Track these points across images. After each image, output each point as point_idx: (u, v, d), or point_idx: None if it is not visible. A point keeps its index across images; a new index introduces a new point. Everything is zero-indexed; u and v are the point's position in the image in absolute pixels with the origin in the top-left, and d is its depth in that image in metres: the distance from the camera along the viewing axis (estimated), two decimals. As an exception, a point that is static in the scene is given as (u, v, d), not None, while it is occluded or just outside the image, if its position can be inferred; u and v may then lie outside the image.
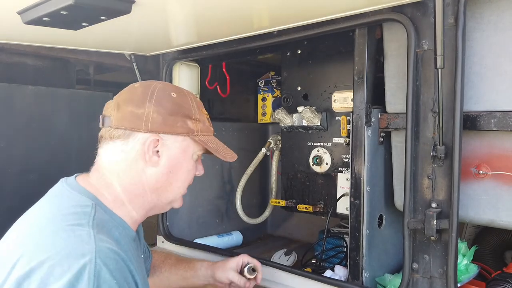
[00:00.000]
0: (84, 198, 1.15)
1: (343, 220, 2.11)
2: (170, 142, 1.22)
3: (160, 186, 1.25)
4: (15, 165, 1.91)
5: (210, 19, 1.58)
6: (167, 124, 1.20)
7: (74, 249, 0.98)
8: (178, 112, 1.23)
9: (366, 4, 1.40)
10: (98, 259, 0.97)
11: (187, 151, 1.27)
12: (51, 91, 2.05)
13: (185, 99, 1.26)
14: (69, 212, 1.10)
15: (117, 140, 1.20)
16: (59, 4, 1.22)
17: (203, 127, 1.29)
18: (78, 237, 1.01)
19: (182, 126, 1.23)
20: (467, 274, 1.50)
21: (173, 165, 1.25)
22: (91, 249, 0.99)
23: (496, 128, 1.28)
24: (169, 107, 1.21)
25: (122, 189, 1.21)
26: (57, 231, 1.04)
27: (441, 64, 1.26)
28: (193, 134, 1.25)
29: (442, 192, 1.35)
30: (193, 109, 1.26)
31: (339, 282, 1.63)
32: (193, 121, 1.25)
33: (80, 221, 1.07)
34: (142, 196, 1.24)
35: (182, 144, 1.25)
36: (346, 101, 1.75)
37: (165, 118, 1.20)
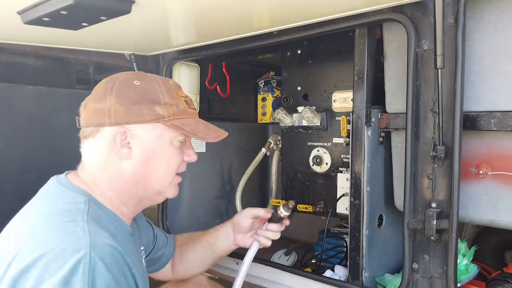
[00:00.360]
0: (77, 195, 1.16)
1: (343, 220, 2.11)
2: (139, 131, 1.18)
3: (140, 178, 1.22)
4: (15, 165, 1.91)
5: (210, 19, 1.58)
6: (131, 114, 1.16)
7: (69, 245, 0.98)
8: (142, 100, 1.17)
9: (366, 4, 1.40)
10: (93, 253, 0.97)
11: (163, 138, 1.21)
12: (51, 91, 2.05)
13: (150, 85, 1.20)
14: (63, 209, 1.10)
15: (89, 138, 1.20)
16: (59, 4, 1.22)
17: (177, 110, 1.22)
18: (73, 233, 1.02)
19: (149, 113, 1.17)
20: (467, 274, 1.50)
21: (148, 155, 1.20)
22: (86, 244, 0.99)
23: (496, 128, 1.28)
24: (131, 96, 1.17)
25: (106, 185, 1.21)
26: (52, 228, 1.04)
27: (441, 64, 1.26)
28: (164, 120, 1.19)
29: (442, 192, 1.35)
30: (161, 94, 1.20)
31: (339, 282, 1.63)
32: (162, 106, 1.19)
33: (74, 217, 1.07)
34: (126, 190, 1.22)
35: (154, 131, 1.20)
36: (346, 101, 1.75)
37: (129, 108, 1.16)
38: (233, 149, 2.53)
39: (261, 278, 1.84)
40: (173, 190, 1.30)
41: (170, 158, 1.24)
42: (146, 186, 1.24)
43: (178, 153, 1.26)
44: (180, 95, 1.26)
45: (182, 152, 1.28)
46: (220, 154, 2.47)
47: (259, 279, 1.84)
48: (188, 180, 2.33)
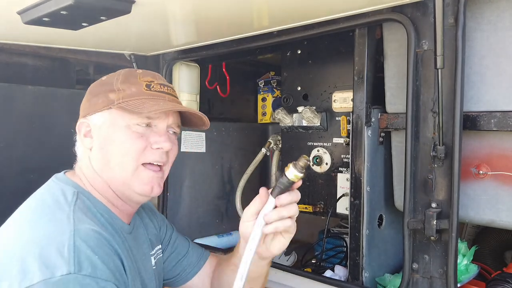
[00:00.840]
0: (68, 187, 1.20)
1: (343, 220, 2.11)
2: (96, 120, 1.23)
3: (101, 167, 1.22)
4: (14, 165, 1.91)
5: (210, 19, 1.58)
6: (91, 105, 1.24)
7: (53, 231, 1.02)
8: (100, 91, 1.24)
9: (366, 4, 1.40)
10: (76, 237, 1.00)
11: (116, 123, 1.20)
12: (51, 91, 2.05)
13: (112, 77, 1.26)
14: (52, 201, 1.14)
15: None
16: (59, 4, 1.22)
17: (129, 93, 1.19)
18: (58, 220, 1.06)
19: (103, 101, 1.21)
20: (467, 274, 1.50)
21: (104, 141, 1.22)
22: (70, 229, 1.02)
23: (496, 128, 1.28)
24: (94, 89, 1.26)
25: (86, 176, 1.25)
26: (38, 218, 1.08)
27: (441, 64, 1.26)
28: (114, 104, 1.19)
29: (442, 192, 1.35)
30: (116, 81, 1.23)
31: (339, 282, 1.63)
32: (115, 92, 1.20)
33: (61, 207, 1.11)
34: (98, 182, 1.23)
35: (108, 117, 1.21)
36: (346, 101, 1.75)
37: (90, 101, 1.25)
38: (233, 149, 2.53)
39: (261, 278, 1.84)
40: (142, 185, 1.21)
41: (125, 143, 1.19)
42: (110, 176, 1.21)
43: (136, 137, 1.19)
44: (143, 80, 1.23)
45: (146, 138, 1.20)
46: (220, 154, 2.47)
47: (259, 279, 1.84)
48: (188, 180, 2.33)
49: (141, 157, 1.20)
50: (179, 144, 2.21)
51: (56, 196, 1.15)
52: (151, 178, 1.22)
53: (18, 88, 1.95)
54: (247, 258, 1.13)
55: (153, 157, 1.21)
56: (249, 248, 1.14)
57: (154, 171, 1.23)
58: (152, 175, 1.22)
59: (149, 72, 1.30)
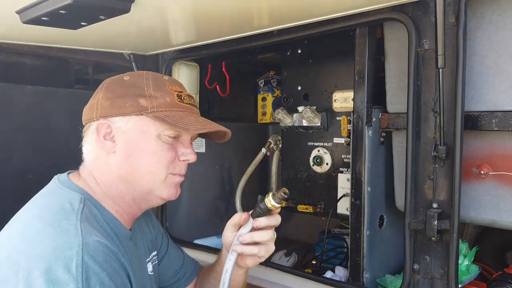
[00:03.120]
0: (74, 193, 1.15)
1: (344, 221, 2.11)
2: (122, 124, 1.17)
3: (126, 174, 1.19)
4: (13, 165, 1.91)
5: (210, 18, 1.57)
6: (115, 107, 1.16)
7: (61, 243, 0.98)
8: (128, 93, 1.17)
9: (366, 3, 1.40)
10: (85, 251, 0.97)
11: (147, 131, 1.18)
12: (50, 91, 2.04)
13: (138, 79, 1.20)
14: (58, 209, 1.09)
15: (85, 135, 1.24)
16: (58, 3, 1.22)
17: (163, 103, 1.18)
18: (65, 231, 1.01)
19: (131, 105, 1.16)
20: (468, 275, 1.49)
21: (131, 148, 1.18)
22: (78, 242, 0.98)
23: (498, 128, 1.27)
24: (118, 90, 1.19)
25: (98, 181, 1.20)
26: (44, 227, 1.03)
27: (442, 63, 1.25)
28: (147, 112, 1.16)
29: (443, 193, 1.34)
30: (147, 87, 1.18)
31: (340, 283, 1.62)
32: (147, 99, 1.17)
33: (67, 215, 1.06)
34: (116, 187, 1.20)
35: (138, 124, 1.17)
36: (347, 101, 1.75)
37: (113, 101, 1.17)
38: (233, 149, 2.53)
39: (261, 279, 1.83)
40: (169, 190, 1.24)
41: (156, 153, 1.19)
42: (135, 183, 1.20)
43: (168, 149, 1.20)
44: (173, 89, 1.22)
45: (175, 150, 1.22)
46: (220, 154, 2.46)
47: (259, 280, 1.83)
48: (187, 181, 2.30)
49: (170, 168, 1.22)
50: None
51: (62, 204, 1.10)
52: (177, 184, 1.27)
53: (17, 88, 1.95)
54: (228, 267, 1.24)
55: (179, 168, 1.25)
56: (229, 259, 1.26)
57: (181, 176, 1.27)
58: (178, 180, 1.27)
59: (173, 79, 1.29)
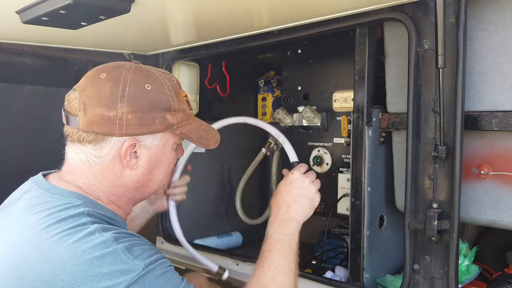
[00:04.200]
0: (70, 199, 1.08)
1: (344, 221, 2.11)
2: (149, 142, 1.15)
3: (141, 185, 1.21)
4: (13, 165, 1.91)
5: (210, 19, 1.57)
6: (144, 124, 1.10)
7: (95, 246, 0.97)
8: (155, 108, 1.11)
9: (367, 3, 1.40)
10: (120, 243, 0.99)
11: (167, 145, 1.20)
12: (50, 90, 2.04)
13: (161, 89, 1.13)
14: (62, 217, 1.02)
15: (88, 145, 1.11)
16: (58, 3, 1.22)
17: (183, 116, 1.18)
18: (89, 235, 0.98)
19: (160, 123, 1.12)
20: (468, 275, 1.49)
21: (154, 163, 1.19)
22: (110, 238, 0.99)
23: (498, 128, 1.27)
24: (145, 104, 1.09)
25: (102, 190, 1.15)
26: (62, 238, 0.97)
27: (442, 63, 1.26)
28: (173, 128, 1.16)
29: (443, 193, 1.34)
30: (172, 100, 1.14)
31: (340, 283, 1.62)
32: (172, 113, 1.14)
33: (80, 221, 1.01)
34: (125, 196, 1.20)
35: (162, 140, 1.17)
36: (347, 101, 1.74)
37: (141, 118, 1.09)
38: (233, 149, 2.52)
39: (261, 279, 1.83)
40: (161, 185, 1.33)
41: (170, 163, 1.25)
42: (145, 190, 1.25)
43: (175, 155, 1.27)
44: (182, 95, 1.22)
45: (177, 152, 1.29)
46: (220, 154, 2.46)
47: (259, 279, 1.83)
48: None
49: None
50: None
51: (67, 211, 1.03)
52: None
53: (17, 88, 1.95)
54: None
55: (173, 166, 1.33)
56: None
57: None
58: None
59: (178, 80, 1.25)
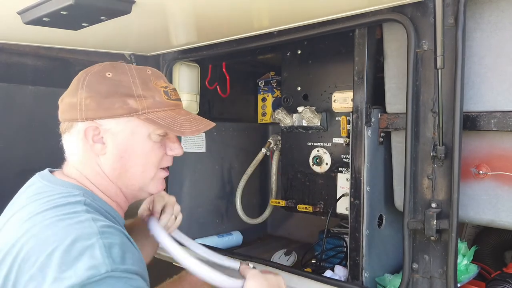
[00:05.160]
0: (69, 189, 1.13)
1: (343, 220, 2.11)
2: (111, 126, 1.14)
3: (119, 174, 1.19)
4: (14, 165, 1.91)
5: (210, 19, 1.58)
6: (102, 108, 1.12)
7: (79, 235, 0.97)
8: (115, 93, 1.13)
9: (366, 4, 1.40)
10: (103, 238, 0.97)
11: (138, 132, 1.16)
12: (51, 91, 2.05)
13: (124, 77, 1.16)
14: (60, 203, 1.07)
15: (66, 134, 1.20)
16: (59, 4, 1.22)
17: (153, 102, 1.16)
18: (78, 223, 1.00)
19: (121, 107, 1.13)
20: (467, 274, 1.50)
21: (123, 150, 1.16)
22: (94, 231, 0.98)
23: (496, 128, 1.28)
24: (103, 89, 1.13)
25: (92, 182, 1.18)
26: (55, 222, 1.01)
27: (441, 64, 1.26)
28: (138, 113, 1.14)
29: (442, 192, 1.35)
30: (135, 86, 1.15)
31: (339, 282, 1.63)
32: (136, 99, 1.14)
33: (75, 208, 1.05)
34: (111, 187, 1.19)
35: (128, 125, 1.15)
36: (346, 101, 1.75)
37: (100, 102, 1.12)
38: (233, 149, 2.53)
39: (261, 278, 1.84)
40: (157, 186, 1.26)
41: (148, 153, 1.19)
42: (127, 183, 1.21)
43: (158, 147, 1.21)
44: (159, 85, 1.20)
45: (164, 146, 1.24)
46: (220, 154, 2.47)
47: (259, 279, 1.84)
48: (188, 180, 2.33)
49: (159, 165, 1.24)
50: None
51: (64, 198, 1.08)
52: (163, 178, 1.29)
53: (18, 88, 1.95)
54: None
55: (167, 163, 1.27)
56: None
57: (166, 171, 1.29)
58: (164, 174, 1.28)
59: (156, 73, 1.24)
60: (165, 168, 1.27)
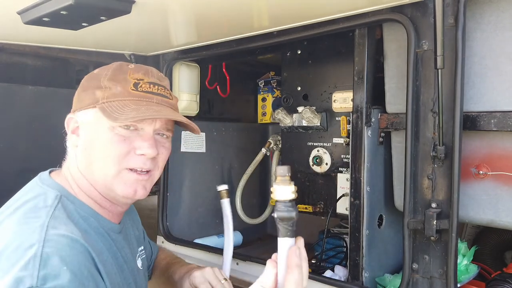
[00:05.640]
0: (51, 190, 1.12)
1: (343, 220, 2.11)
2: (82, 118, 1.17)
3: (84, 167, 1.15)
4: (14, 165, 1.91)
5: (210, 19, 1.58)
6: (79, 100, 1.18)
7: (23, 241, 0.95)
8: (89, 86, 1.17)
9: (366, 4, 1.40)
10: (46, 247, 0.93)
11: (99, 123, 1.12)
12: (51, 91, 2.05)
13: (102, 70, 1.18)
14: (30, 206, 1.07)
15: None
16: (59, 4, 1.22)
17: (114, 92, 1.12)
18: (29, 229, 0.99)
19: (89, 98, 1.14)
20: (467, 274, 1.50)
21: (87, 141, 1.15)
22: (40, 239, 0.95)
23: (496, 128, 1.28)
24: (84, 83, 1.20)
25: (72, 176, 1.19)
26: (14, 225, 1.01)
27: (441, 64, 1.26)
28: (98, 103, 1.12)
29: (442, 192, 1.35)
30: (104, 77, 1.14)
31: (339, 282, 1.63)
32: (102, 90, 1.13)
33: (38, 213, 1.04)
34: (83, 182, 1.16)
35: (93, 116, 1.14)
36: (346, 101, 1.75)
37: (79, 95, 1.18)
38: (233, 149, 2.53)
39: (261, 278, 1.84)
40: (123, 188, 1.14)
41: (107, 146, 1.12)
42: (92, 179, 1.15)
43: (120, 141, 1.12)
44: (133, 77, 1.14)
45: (130, 142, 1.13)
46: (220, 154, 2.47)
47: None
48: (188, 180, 2.33)
49: (123, 162, 1.13)
50: (179, 145, 2.23)
51: (36, 202, 1.08)
52: (134, 181, 1.15)
53: (18, 88, 1.95)
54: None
55: (135, 163, 1.14)
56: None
57: (139, 174, 1.16)
58: (135, 177, 1.15)
59: (142, 67, 1.20)
60: (136, 170, 1.15)
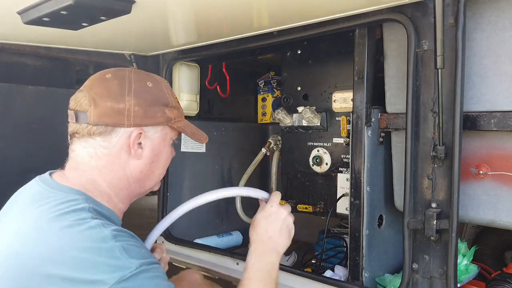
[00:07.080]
0: (69, 194, 1.11)
1: (343, 220, 2.11)
2: (151, 133, 1.24)
3: (143, 177, 1.27)
4: (14, 165, 1.91)
5: (210, 19, 1.58)
6: (148, 116, 1.21)
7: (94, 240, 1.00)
8: (156, 102, 1.23)
9: (366, 4, 1.40)
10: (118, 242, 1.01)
11: (166, 139, 1.29)
12: (51, 91, 2.05)
13: (160, 87, 1.27)
14: (65, 211, 1.05)
15: (97, 137, 1.17)
16: (59, 4, 1.22)
17: (178, 113, 1.31)
18: (89, 229, 1.02)
19: (162, 116, 1.24)
20: (467, 274, 1.50)
21: (156, 155, 1.27)
22: (108, 235, 1.01)
23: (496, 128, 1.28)
24: (148, 98, 1.22)
25: (107, 184, 1.19)
26: (65, 229, 1.01)
27: (441, 64, 1.26)
28: (171, 122, 1.27)
29: (442, 192, 1.35)
30: (169, 97, 1.28)
31: (339, 282, 1.63)
32: (170, 109, 1.27)
33: (81, 215, 1.04)
34: (127, 188, 1.24)
35: (162, 133, 1.27)
36: (346, 101, 1.75)
37: (146, 111, 1.21)
38: (233, 149, 2.53)
39: (261, 278, 1.84)
40: (159, 184, 1.38)
41: (168, 157, 1.32)
42: (145, 184, 1.29)
43: (171, 151, 1.34)
44: (174, 95, 1.32)
45: (172, 149, 1.36)
46: (220, 154, 2.47)
47: (259, 279, 1.84)
48: (188, 180, 2.33)
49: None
50: (179, 145, 2.24)
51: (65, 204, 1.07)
52: None
53: (18, 88, 1.95)
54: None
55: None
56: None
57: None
58: None
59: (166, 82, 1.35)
60: None
